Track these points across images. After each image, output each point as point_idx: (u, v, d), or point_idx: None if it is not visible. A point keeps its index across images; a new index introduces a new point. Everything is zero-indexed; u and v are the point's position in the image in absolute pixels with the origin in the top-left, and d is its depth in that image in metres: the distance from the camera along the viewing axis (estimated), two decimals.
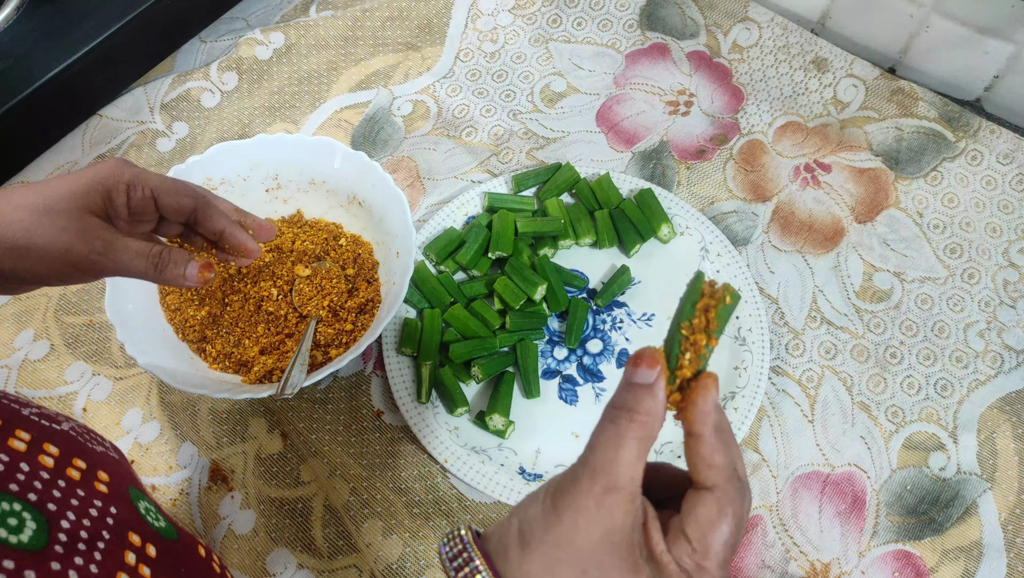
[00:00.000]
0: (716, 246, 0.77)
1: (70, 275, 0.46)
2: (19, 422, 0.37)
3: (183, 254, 0.48)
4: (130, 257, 0.46)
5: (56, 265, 0.45)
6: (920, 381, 0.72)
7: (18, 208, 0.44)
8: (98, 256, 0.45)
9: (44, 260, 0.44)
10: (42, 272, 0.45)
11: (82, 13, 0.82)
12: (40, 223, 0.44)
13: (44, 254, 0.44)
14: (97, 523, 0.36)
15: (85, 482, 0.38)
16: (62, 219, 0.44)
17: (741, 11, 0.92)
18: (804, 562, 0.64)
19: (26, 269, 0.44)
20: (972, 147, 0.83)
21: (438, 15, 0.93)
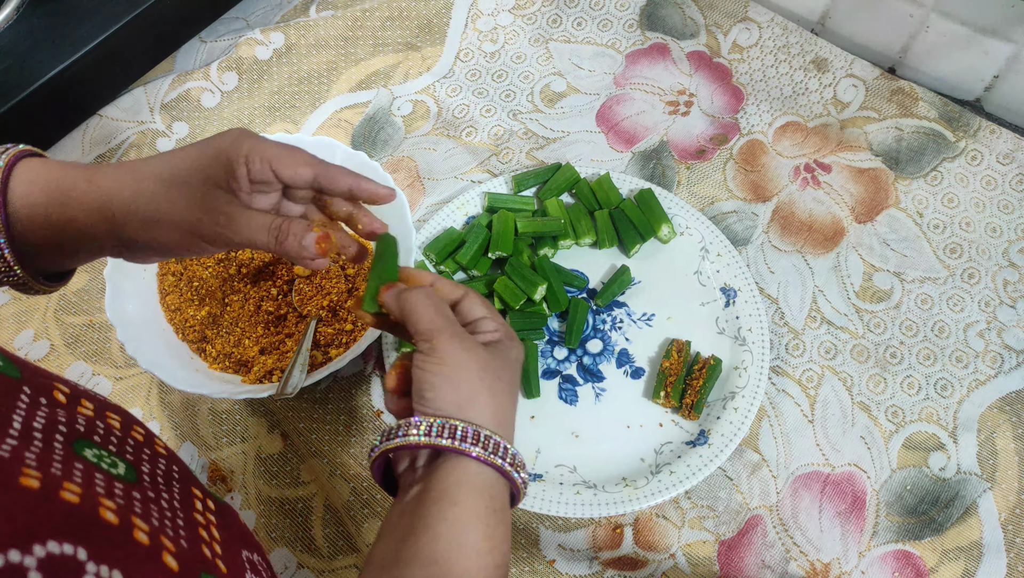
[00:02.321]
0: (716, 246, 0.77)
1: (196, 245, 0.46)
2: (83, 394, 0.39)
3: (301, 224, 0.47)
4: (252, 230, 0.46)
5: (184, 237, 0.45)
6: (920, 381, 0.72)
7: (145, 179, 0.45)
8: (222, 229, 0.45)
9: (172, 232, 0.45)
10: (170, 243, 0.45)
11: (82, 13, 0.82)
12: (168, 196, 0.44)
13: (172, 226, 0.45)
14: (167, 475, 0.38)
15: (148, 443, 0.40)
16: (188, 191, 0.45)
17: (741, 11, 0.92)
18: (804, 562, 0.64)
19: (154, 240, 0.45)
20: (972, 147, 0.83)
21: (438, 15, 0.93)
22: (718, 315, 0.75)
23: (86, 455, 0.33)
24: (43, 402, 0.35)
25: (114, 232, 0.44)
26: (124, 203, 0.44)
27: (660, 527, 0.66)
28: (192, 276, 0.70)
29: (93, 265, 0.77)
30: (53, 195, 0.44)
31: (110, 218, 0.44)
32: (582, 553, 0.65)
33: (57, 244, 0.45)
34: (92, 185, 0.44)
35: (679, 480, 0.65)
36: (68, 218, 0.44)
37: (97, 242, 0.45)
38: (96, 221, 0.44)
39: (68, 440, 0.33)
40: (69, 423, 0.34)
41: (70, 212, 0.44)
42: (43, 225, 0.44)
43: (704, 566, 0.64)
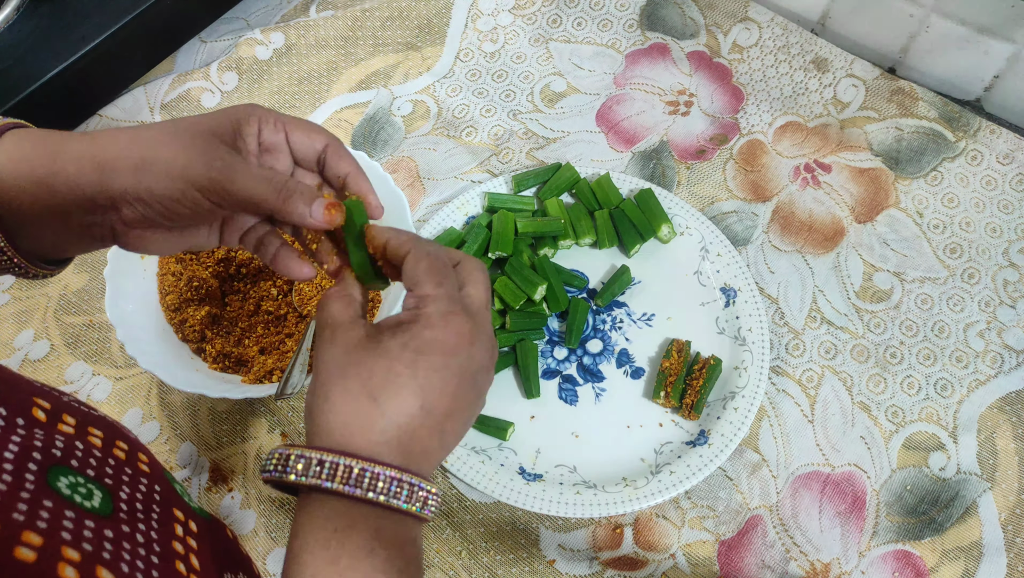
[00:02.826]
0: (716, 246, 0.77)
1: (186, 198, 0.41)
2: (64, 408, 0.37)
3: (311, 189, 0.43)
4: (252, 181, 0.41)
5: (175, 183, 0.40)
6: (920, 381, 0.72)
7: (147, 130, 0.42)
8: (217, 175, 0.40)
9: (162, 177, 0.40)
10: (158, 191, 0.40)
11: (82, 13, 0.82)
12: (167, 139, 0.41)
13: (164, 169, 0.40)
14: (148, 498, 0.37)
15: (130, 462, 0.38)
16: (187, 139, 0.41)
17: (741, 11, 0.92)
18: (804, 562, 0.64)
19: (144, 188, 0.40)
20: (972, 147, 0.83)
21: (438, 15, 0.93)
22: (718, 315, 0.75)
23: (59, 486, 0.31)
24: (19, 423, 0.33)
25: (104, 184, 0.40)
26: (117, 150, 0.40)
27: (660, 527, 0.66)
28: (192, 276, 0.70)
29: (93, 265, 0.77)
30: (43, 151, 0.40)
31: (100, 165, 0.40)
32: (582, 553, 0.65)
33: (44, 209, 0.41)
34: (86, 138, 0.41)
35: (679, 480, 0.65)
36: (55, 171, 0.40)
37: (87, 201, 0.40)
38: (87, 171, 0.40)
39: (43, 469, 0.31)
40: (45, 448, 0.33)
41: (58, 164, 0.40)
42: (29, 183, 0.40)
43: (704, 566, 0.64)
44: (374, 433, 0.37)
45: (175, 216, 0.42)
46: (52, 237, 0.42)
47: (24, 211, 0.40)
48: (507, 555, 0.64)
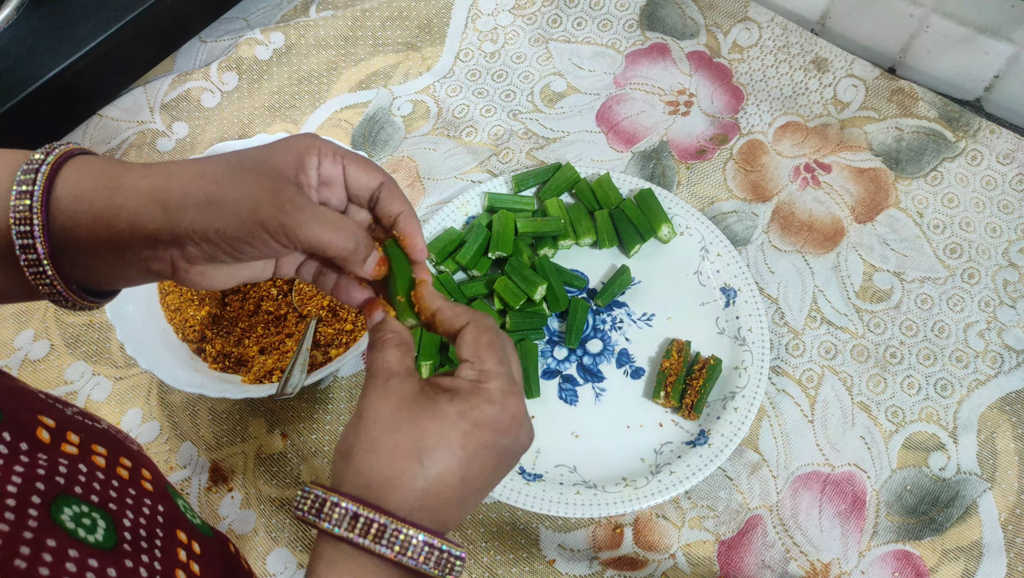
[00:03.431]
0: (716, 246, 0.77)
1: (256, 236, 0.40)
2: (68, 424, 0.37)
3: (369, 243, 0.44)
4: (321, 228, 0.41)
5: (244, 224, 0.39)
6: (920, 381, 0.72)
7: (208, 165, 0.41)
8: (286, 217, 0.40)
9: (232, 217, 0.39)
10: (227, 231, 0.40)
11: (82, 13, 0.82)
12: (231, 176, 0.40)
13: (232, 209, 0.39)
14: (151, 522, 0.36)
15: (133, 481, 0.38)
16: (254, 176, 0.41)
17: (741, 11, 0.92)
18: (804, 562, 0.64)
19: (212, 227, 0.39)
20: (972, 147, 0.83)
21: (438, 15, 0.93)
22: (718, 315, 0.75)
23: (63, 520, 0.31)
24: (23, 449, 0.33)
25: (169, 222, 0.39)
26: (182, 187, 0.39)
27: (660, 527, 0.66)
28: None
29: None
30: (104, 183, 0.39)
31: (165, 203, 0.39)
32: (582, 553, 0.65)
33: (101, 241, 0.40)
34: (148, 172, 0.40)
35: (679, 480, 0.65)
36: (116, 205, 0.39)
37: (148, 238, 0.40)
38: (149, 207, 0.39)
39: (46, 500, 0.31)
40: (49, 475, 0.32)
41: (119, 199, 0.39)
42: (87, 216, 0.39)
43: (704, 566, 0.64)
44: (412, 494, 0.37)
45: (241, 254, 0.41)
46: (106, 269, 0.42)
47: (80, 243, 0.40)
48: (507, 555, 0.64)
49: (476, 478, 0.39)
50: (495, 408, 0.40)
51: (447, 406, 0.39)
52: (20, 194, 0.38)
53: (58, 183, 0.39)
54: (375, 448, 0.38)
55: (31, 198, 0.38)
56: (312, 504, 0.37)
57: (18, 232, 0.38)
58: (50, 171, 0.39)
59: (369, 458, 0.38)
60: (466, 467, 0.39)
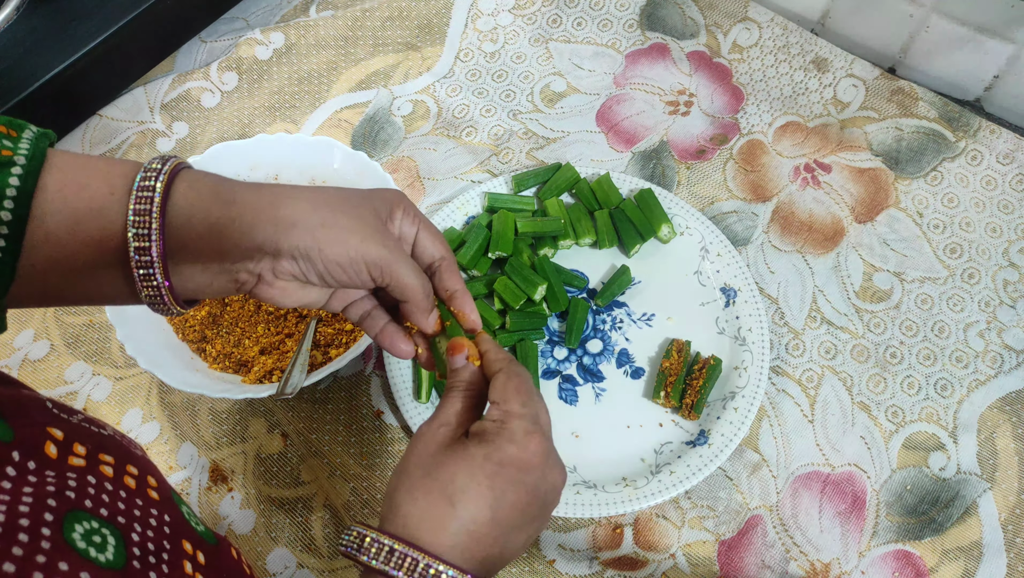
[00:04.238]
0: (716, 246, 0.77)
1: (353, 267, 0.44)
2: (75, 434, 0.37)
3: (434, 300, 0.49)
4: (411, 276, 0.46)
5: (350, 252, 0.43)
6: (920, 381, 0.72)
7: (325, 192, 0.45)
8: (389, 257, 0.45)
9: (340, 242, 0.43)
10: (333, 255, 0.43)
11: (82, 13, 0.82)
12: (348, 208, 0.44)
13: (344, 236, 0.43)
14: (158, 533, 0.37)
15: (140, 491, 0.38)
16: (363, 211, 0.45)
17: (741, 11, 0.92)
18: (804, 562, 0.64)
19: (320, 250, 0.43)
20: (972, 147, 0.83)
21: (438, 15, 0.93)
22: (718, 315, 0.75)
23: (74, 539, 0.31)
24: (31, 468, 0.33)
25: (277, 237, 0.42)
26: (298, 208, 0.43)
27: (660, 527, 0.66)
28: None
29: None
30: (218, 195, 0.42)
31: (278, 219, 0.42)
32: (582, 553, 0.65)
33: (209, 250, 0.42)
34: (262, 189, 0.43)
35: (679, 480, 0.65)
36: (231, 217, 0.42)
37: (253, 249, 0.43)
38: (262, 220, 0.42)
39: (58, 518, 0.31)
40: (59, 491, 0.33)
41: (234, 211, 0.42)
42: (202, 224, 0.42)
43: (704, 566, 0.64)
44: (446, 534, 0.40)
45: (330, 277, 0.45)
46: (200, 277, 0.44)
47: (188, 250, 0.42)
48: None
49: (509, 517, 0.42)
50: (517, 447, 0.42)
51: (475, 449, 0.42)
52: (140, 199, 0.40)
53: (174, 191, 0.41)
54: (412, 491, 0.42)
55: (151, 203, 0.40)
56: (354, 540, 0.40)
57: (135, 234, 0.40)
58: (167, 180, 0.41)
59: (407, 500, 0.41)
60: (496, 506, 0.41)
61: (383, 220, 0.46)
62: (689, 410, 0.68)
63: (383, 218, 0.46)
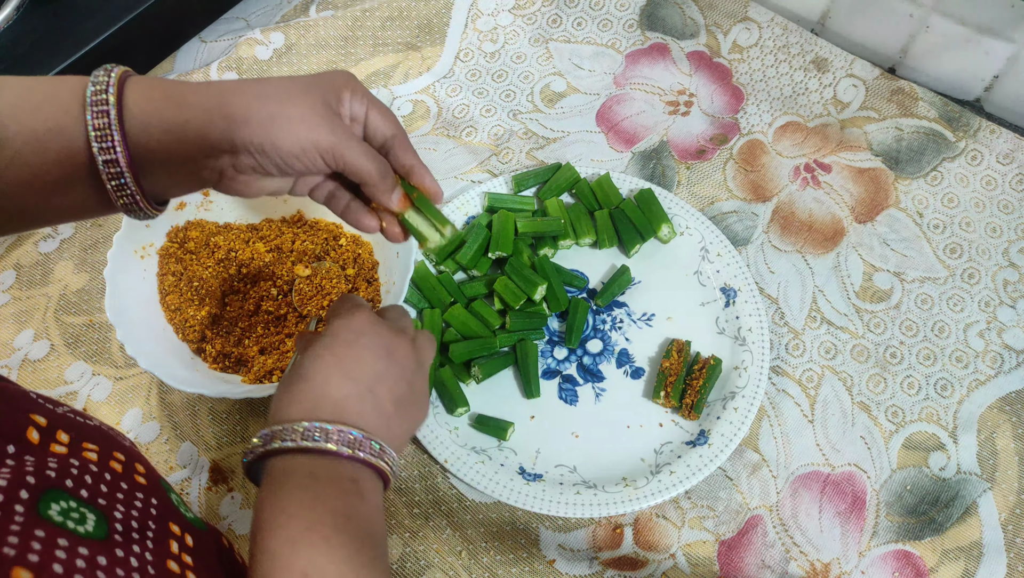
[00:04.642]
0: (716, 246, 0.77)
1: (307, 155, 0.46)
2: (59, 422, 0.38)
3: (395, 179, 0.51)
4: (363, 153, 0.47)
5: (300, 142, 0.45)
6: (920, 381, 0.72)
7: (272, 85, 0.46)
8: (340, 140, 0.46)
9: (291, 133, 0.45)
10: (285, 146, 0.45)
11: (82, 13, 0.82)
12: (294, 98, 0.45)
13: (295, 126, 0.45)
14: (143, 514, 0.37)
15: (126, 475, 0.39)
16: (311, 99, 0.46)
17: (741, 11, 0.92)
18: (804, 562, 0.64)
19: (272, 143, 0.45)
20: (972, 147, 0.83)
21: (438, 15, 0.93)
22: (718, 315, 0.75)
23: (51, 514, 0.32)
24: (10, 452, 0.34)
25: (231, 134, 0.44)
26: (246, 103, 0.44)
27: (660, 527, 0.66)
28: (192, 276, 0.70)
29: (93, 265, 0.77)
30: (169, 99, 0.44)
31: (229, 116, 0.44)
32: (582, 553, 0.65)
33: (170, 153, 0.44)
34: (210, 89, 0.44)
35: (679, 480, 0.65)
36: (184, 120, 0.43)
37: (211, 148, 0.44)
38: (215, 121, 0.43)
39: (34, 496, 0.32)
40: (38, 471, 0.34)
41: (186, 113, 0.43)
42: (158, 129, 0.43)
43: (704, 566, 0.64)
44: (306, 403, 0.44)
45: (288, 167, 0.46)
46: (167, 179, 0.46)
47: (151, 154, 0.44)
48: (507, 555, 0.64)
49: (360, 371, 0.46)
50: (342, 319, 0.48)
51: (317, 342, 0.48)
52: (97, 114, 0.41)
53: (127, 101, 0.43)
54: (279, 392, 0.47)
55: (108, 117, 0.41)
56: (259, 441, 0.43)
57: (100, 148, 0.41)
58: (118, 91, 0.42)
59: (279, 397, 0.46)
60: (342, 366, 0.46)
61: (332, 106, 0.47)
62: (689, 410, 0.68)
63: (332, 103, 0.47)
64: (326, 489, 0.41)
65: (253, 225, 0.75)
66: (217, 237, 0.72)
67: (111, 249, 0.66)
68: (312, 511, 0.39)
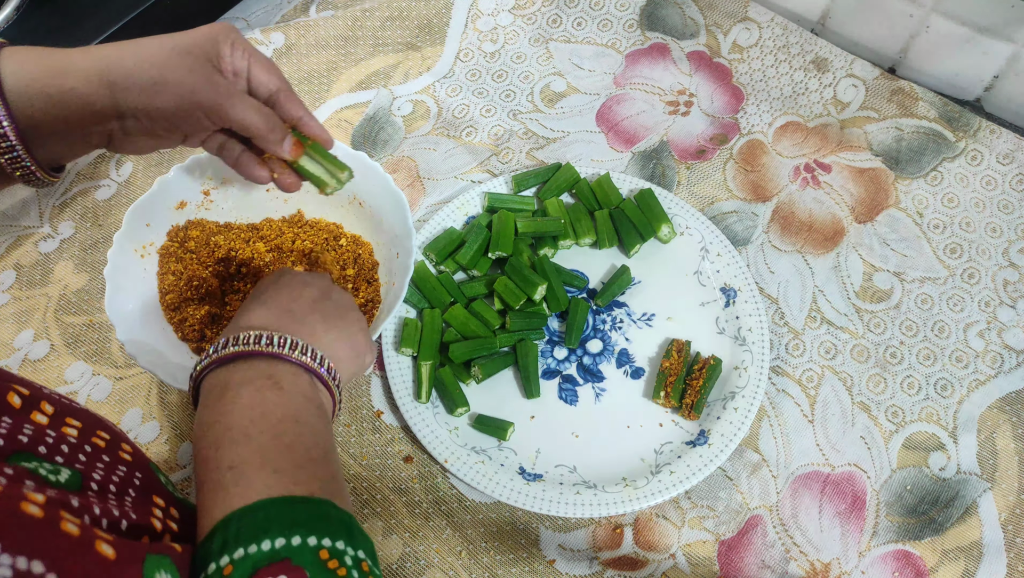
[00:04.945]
0: (716, 246, 0.77)
1: (192, 116, 0.48)
2: (44, 397, 0.39)
3: (285, 127, 0.53)
4: (247, 108, 0.49)
5: (183, 104, 0.47)
6: (920, 381, 0.72)
7: (148, 47, 0.47)
8: (221, 99, 0.48)
9: (173, 97, 0.46)
10: (169, 109, 0.47)
11: (82, 13, 0.82)
12: (173, 62, 0.47)
13: (176, 90, 0.46)
14: (124, 482, 0.38)
15: (110, 451, 0.39)
16: (190, 60, 0.47)
17: (741, 11, 0.92)
18: (804, 562, 0.64)
19: (155, 107, 0.46)
20: (972, 147, 0.83)
21: (438, 15, 0.93)
22: (718, 315, 0.75)
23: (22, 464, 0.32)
24: None
25: (115, 100, 0.45)
26: (127, 69, 0.45)
27: (660, 527, 0.66)
28: (192, 276, 0.70)
29: (93, 265, 0.77)
30: (49, 68, 0.45)
31: (111, 84, 0.45)
32: (582, 553, 0.65)
33: (56, 121, 0.45)
34: (90, 55, 0.46)
35: (679, 480, 0.65)
36: (67, 88, 0.44)
37: (96, 114, 0.46)
38: (97, 88, 0.45)
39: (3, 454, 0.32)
40: (11, 434, 0.34)
41: (69, 82, 0.44)
42: (41, 99, 0.44)
43: (704, 566, 0.64)
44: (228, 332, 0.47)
45: (175, 129, 0.49)
46: (57, 146, 0.47)
47: (37, 124, 0.44)
48: (507, 555, 0.64)
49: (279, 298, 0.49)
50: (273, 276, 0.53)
51: None
52: None
53: (4, 74, 0.43)
54: None
55: None
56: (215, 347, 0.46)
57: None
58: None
59: None
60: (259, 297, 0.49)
61: (213, 63, 0.49)
62: (689, 410, 0.68)
63: (213, 60, 0.49)
64: (241, 390, 0.43)
65: (253, 225, 0.75)
66: (217, 236, 0.72)
67: (111, 248, 0.66)
68: (228, 415, 0.42)
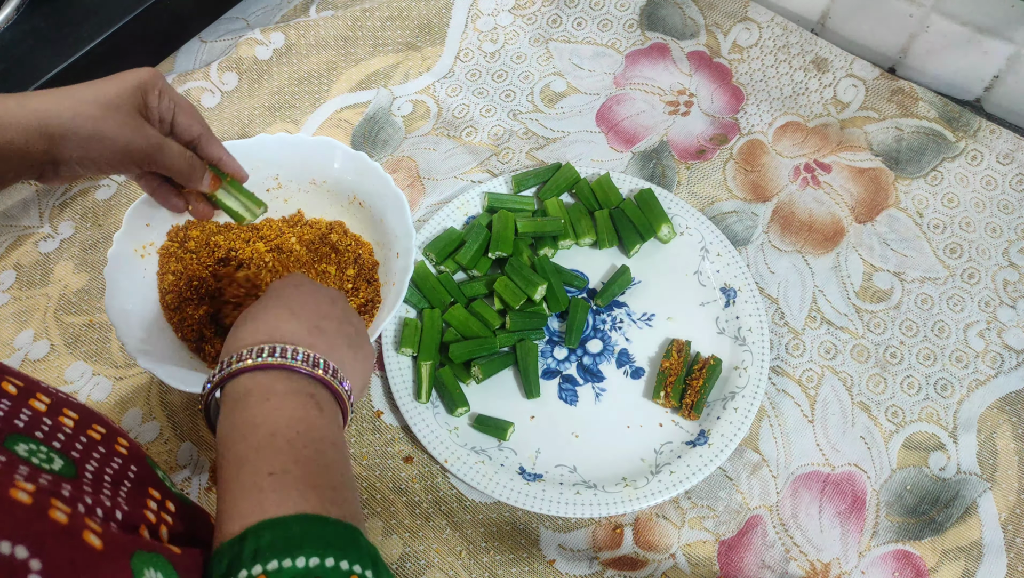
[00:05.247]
0: (716, 246, 0.77)
1: (123, 163, 0.53)
2: (42, 389, 0.39)
3: (204, 167, 0.60)
4: (174, 156, 0.56)
5: (116, 155, 0.52)
6: (920, 381, 0.72)
7: (83, 103, 0.50)
8: (152, 151, 0.54)
9: (107, 149, 0.51)
10: (102, 160, 0.52)
11: (82, 13, 0.82)
12: (106, 117, 0.51)
13: (110, 144, 0.51)
14: (119, 474, 0.38)
15: (106, 442, 0.39)
16: (122, 115, 0.52)
17: (741, 11, 0.92)
18: (804, 562, 0.64)
19: (88, 157, 0.51)
20: (972, 147, 0.83)
21: (438, 15, 0.93)
22: (718, 315, 0.75)
23: (17, 450, 0.32)
24: None
25: (51, 151, 0.49)
26: (63, 124, 0.49)
27: (660, 527, 0.66)
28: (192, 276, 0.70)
29: (93, 265, 0.77)
30: None
31: (50, 137, 0.49)
32: (582, 553, 0.65)
33: None
34: (26, 109, 0.48)
35: (679, 480, 0.65)
36: (5, 141, 0.47)
37: (32, 163, 0.49)
38: (36, 141, 0.48)
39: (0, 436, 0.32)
40: (8, 417, 0.34)
41: (8, 134, 0.47)
42: None
43: (704, 566, 0.64)
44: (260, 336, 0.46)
45: (106, 172, 0.54)
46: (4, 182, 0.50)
47: None
48: (507, 555, 0.64)
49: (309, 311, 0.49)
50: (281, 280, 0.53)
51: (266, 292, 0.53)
52: None
53: None
54: None
55: None
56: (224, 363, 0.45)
57: None
58: None
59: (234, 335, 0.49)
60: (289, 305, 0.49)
61: (142, 112, 0.54)
62: (689, 410, 0.68)
63: (141, 110, 0.54)
64: (285, 400, 0.42)
65: (253, 225, 0.75)
66: (217, 237, 0.72)
67: (111, 248, 0.66)
68: (273, 421, 0.41)
